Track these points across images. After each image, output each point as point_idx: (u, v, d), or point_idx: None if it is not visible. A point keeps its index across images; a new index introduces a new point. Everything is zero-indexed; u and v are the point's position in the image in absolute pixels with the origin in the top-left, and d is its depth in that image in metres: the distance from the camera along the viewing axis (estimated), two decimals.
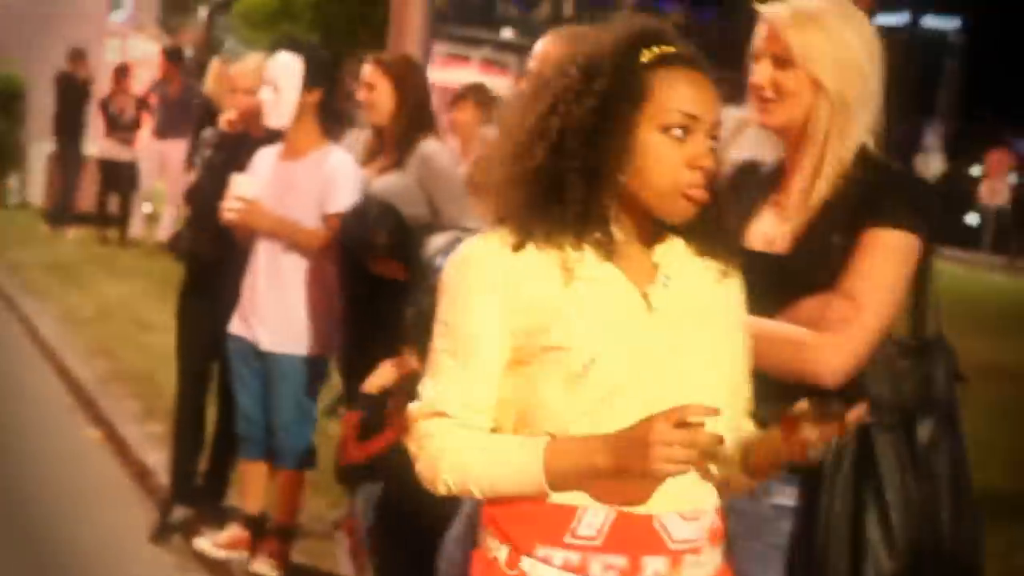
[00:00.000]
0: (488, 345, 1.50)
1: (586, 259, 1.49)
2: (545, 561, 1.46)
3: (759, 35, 1.94)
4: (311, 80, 3.73)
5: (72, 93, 12.67)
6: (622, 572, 1.46)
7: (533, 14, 28.62)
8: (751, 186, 2.04)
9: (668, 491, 1.45)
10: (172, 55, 12.17)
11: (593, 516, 1.46)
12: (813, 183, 1.91)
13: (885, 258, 1.83)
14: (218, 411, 4.40)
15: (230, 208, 3.76)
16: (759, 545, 1.86)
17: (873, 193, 1.87)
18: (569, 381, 1.45)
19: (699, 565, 1.51)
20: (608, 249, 1.49)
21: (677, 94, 1.46)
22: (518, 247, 1.48)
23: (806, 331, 1.80)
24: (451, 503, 2.10)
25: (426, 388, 1.55)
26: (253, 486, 4.06)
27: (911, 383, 1.87)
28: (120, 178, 12.04)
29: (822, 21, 1.89)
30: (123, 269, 10.24)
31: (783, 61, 1.89)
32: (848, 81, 1.88)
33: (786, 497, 1.86)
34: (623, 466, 1.39)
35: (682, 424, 1.34)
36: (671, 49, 1.49)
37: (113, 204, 12.22)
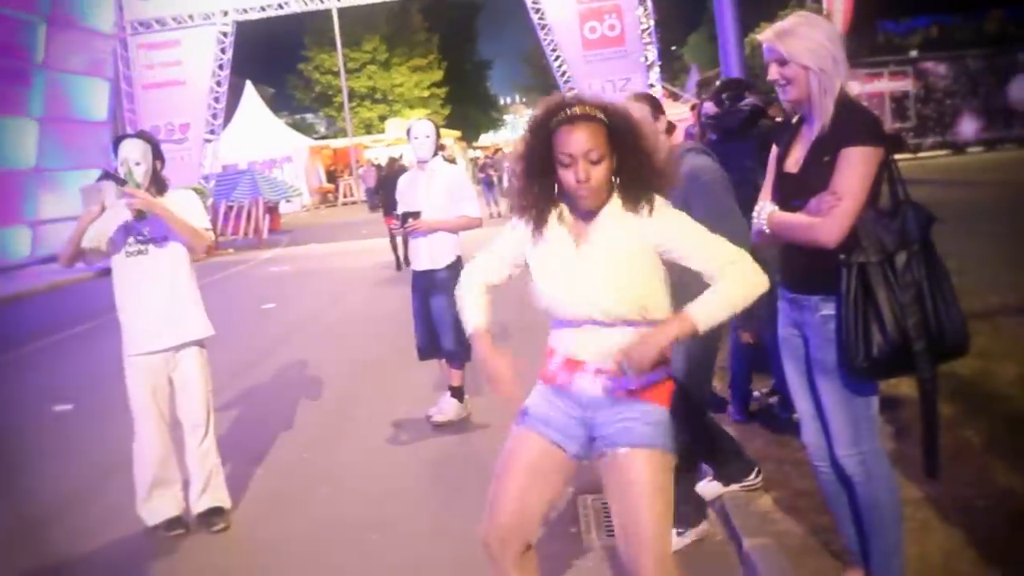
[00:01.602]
0: (501, 252, 3.09)
1: (550, 226, 2.91)
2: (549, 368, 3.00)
3: (764, 52, 3.20)
4: None
5: None
6: (568, 379, 2.91)
7: None
8: (788, 133, 3.36)
9: (591, 350, 2.87)
10: None
11: (556, 356, 2.97)
12: (815, 124, 3.15)
13: (853, 165, 3.03)
14: None
15: None
16: (820, 339, 3.20)
17: (845, 125, 3.07)
18: (534, 292, 2.93)
19: (610, 380, 2.83)
20: (558, 220, 2.91)
21: (560, 142, 2.76)
22: (521, 217, 2.95)
23: (813, 218, 3.08)
24: None
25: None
26: None
27: (889, 233, 3.04)
28: None
29: (795, 30, 3.12)
30: None
31: (782, 61, 3.14)
32: (822, 60, 3.07)
33: (829, 309, 3.14)
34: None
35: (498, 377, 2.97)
36: (562, 115, 2.76)
37: None
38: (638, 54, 25.96)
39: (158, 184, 4.95)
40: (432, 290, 6.45)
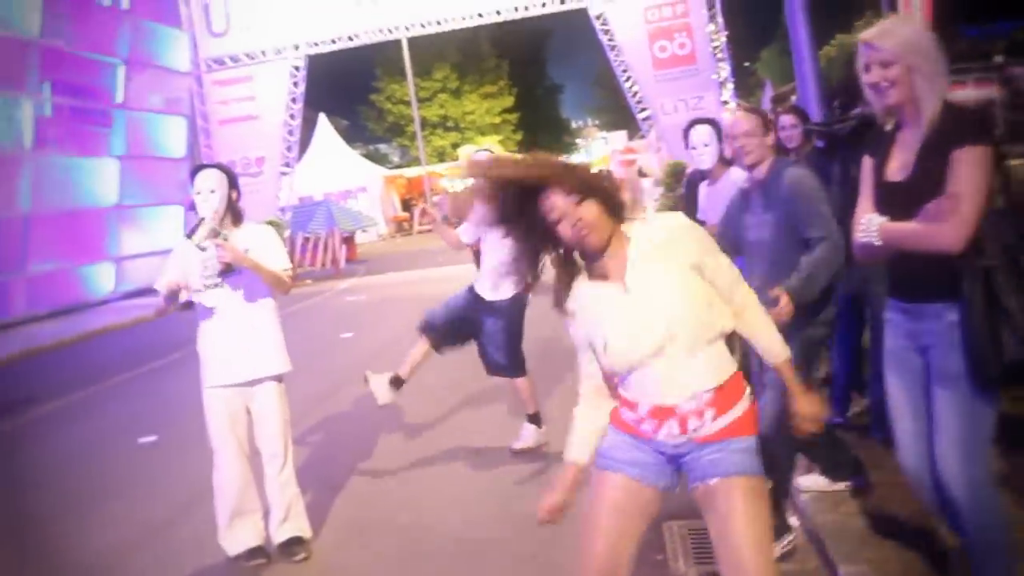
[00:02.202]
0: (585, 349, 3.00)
1: (591, 290, 2.88)
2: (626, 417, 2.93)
3: (862, 54, 3.11)
4: None
5: None
6: (654, 427, 2.83)
7: None
8: (884, 142, 3.25)
9: (677, 390, 2.78)
10: None
11: (641, 408, 2.86)
12: (919, 129, 3.07)
13: (969, 166, 2.92)
14: None
15: None
16: (945, 347, 3.09)
17: (953, 127, 2.98)
18: (600, 354, 2.89)
19: (699, 420, 2.79)
20: (592, 281, 2.89)
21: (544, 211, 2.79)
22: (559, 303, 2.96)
23: (933, 224, 2.96)
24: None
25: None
26: None
27: (1009, 233, 2.99)
28: None
29: (898, 32, 3.06)
30: None
31: (885, 63, 3.05)
32: (928, 59, 3.02)
33: (954, 316, 3.05)
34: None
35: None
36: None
37: None
38: (710, 71, 25.75)
39: (234, 214, 5.01)
40: (490, 314, 6.43)
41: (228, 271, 4.89)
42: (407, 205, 45.01)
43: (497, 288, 6.40)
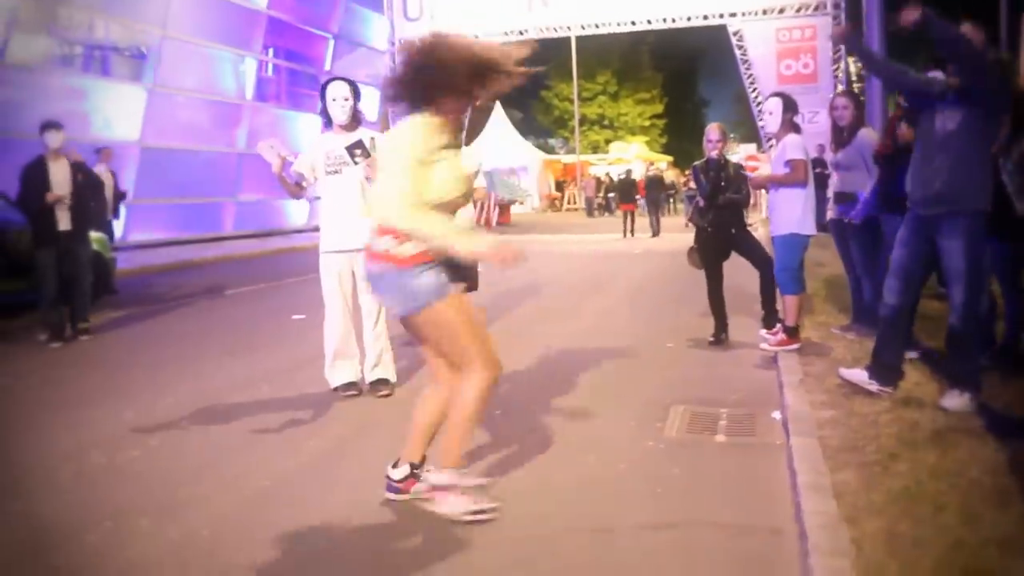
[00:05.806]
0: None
1: None
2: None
3: None
4: None
5: None
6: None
7: None
8: None
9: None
10: None
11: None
12: None
13: None
14: None
15: None
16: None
17: None
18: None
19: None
20: None
21: None
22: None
23: None
24: None
25: None
26: None
27: None
28: None
29: None
30: None
31: None
32: None
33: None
34: None
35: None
36: None
37: None
38: (828, 91, 24.91)
39: (356, 118, 5.49)
40: None
41: (369, 180, 5.38)
42: (560, 186, 45.31)
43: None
